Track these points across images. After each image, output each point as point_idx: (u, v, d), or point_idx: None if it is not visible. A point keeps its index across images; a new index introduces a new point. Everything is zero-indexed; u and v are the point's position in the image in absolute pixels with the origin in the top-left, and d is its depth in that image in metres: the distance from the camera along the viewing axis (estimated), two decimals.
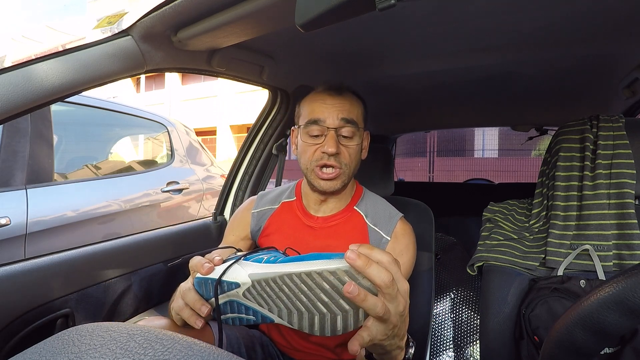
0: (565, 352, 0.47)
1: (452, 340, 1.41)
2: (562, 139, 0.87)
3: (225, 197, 1.33)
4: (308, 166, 0.77)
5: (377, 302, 0.38)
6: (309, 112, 0.77)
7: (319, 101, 0.77)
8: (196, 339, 0.30)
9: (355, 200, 0.85)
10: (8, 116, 0.53)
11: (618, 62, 0.97)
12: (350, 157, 0.77)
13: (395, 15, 0.74)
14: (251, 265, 0.47)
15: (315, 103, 0.77)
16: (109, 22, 0.89)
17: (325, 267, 0.40)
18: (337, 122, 0.75)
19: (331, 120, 0.75)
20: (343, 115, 0.75)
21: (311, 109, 0.77)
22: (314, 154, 0.76)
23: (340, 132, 0.76)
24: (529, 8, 0.70)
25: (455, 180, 3.18)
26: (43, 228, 1.52)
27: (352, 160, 0.78)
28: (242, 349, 0.74)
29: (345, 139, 0.76)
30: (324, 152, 0.74)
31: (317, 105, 0.77)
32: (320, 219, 0.83)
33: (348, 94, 0.79)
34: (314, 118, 0.76)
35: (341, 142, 0.76)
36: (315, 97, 0.79)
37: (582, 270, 0.78)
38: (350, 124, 0.76)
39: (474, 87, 1.26)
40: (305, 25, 0.46)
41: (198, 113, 13.88)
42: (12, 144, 1.53)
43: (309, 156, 0.77)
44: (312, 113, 0.77)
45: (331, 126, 0.75)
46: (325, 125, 0.75)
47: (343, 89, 0.79)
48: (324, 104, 0.76)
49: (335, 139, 0.74)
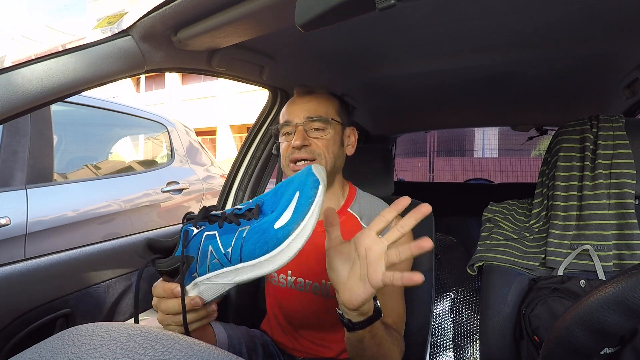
0: (565, 352, 0.47)
1: (452, 340, 1.41)
2: (562, 139, 0.87)
3: (225, 197, 1.33)
4: (284, 163, 0.82)
5: None
6: (282, 115, 0.84)
7: (290, 104, 0.84)
8: (196, 339, 0.30)
9: (348, 203, 0.86)
10: (8, 116, 0.53)
11: (618, 62, 0.97)
12: (324, 147, 0.79)
13: (395, 15, 0.74)
14: (200, 287, 0.48)
15: (288, 106, 0.84)
16: (109, 22, 0.89)
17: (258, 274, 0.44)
18: (304, 119, 0.79)
19: (297, 119, 0.80)
20: (309, 114, 0.79)
21: (284, 112, 0.84)
22: (286, 149, 0.80)
23: (309, 127, 0.79)
24: (529, 8, 0.70)
25: (455, 180, 3.18)
26: (43, 228, 1.52)
27: (328, 151, 0.79)
28: (243, 349, 0.74)
29: (315, 132, 0.80)
30: (293, 146, 0.78)
31: (288, 108, 0.83)
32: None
33: (317, 93, 0.83)
34: (284, 120, 0.82)
35: (311, 135, 0.79)
36: (289, 101, 0.85)
37: (582, 270, 0.78)
38: (317, 120, 0.79)
39: (474, 87, 1.26)
40: (305, 25, 0.46)
41: (198, 113, 13.88)
42: (12, 144, 1.53)
43: (283, 152, 0.82)
44: (283, 115, 0.84)
45: (298, 122, 0.79)
46: (293, 123, 0.80)
47: (311, 90, 0.84)
48: (293, 105, 0.82)
49: (302, 133, 0.78)
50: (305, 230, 0.43)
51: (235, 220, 0.46)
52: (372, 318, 0.53)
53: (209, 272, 0.46)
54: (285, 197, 0.45)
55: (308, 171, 0.46)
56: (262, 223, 0.44)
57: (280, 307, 0.84)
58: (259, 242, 0.43)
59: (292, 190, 0.45)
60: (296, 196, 0.44)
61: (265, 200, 0.49)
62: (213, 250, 0.45)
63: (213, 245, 0.45)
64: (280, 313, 0.84)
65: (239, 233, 0.45)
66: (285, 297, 0.83)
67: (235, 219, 0.47)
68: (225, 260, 0.44)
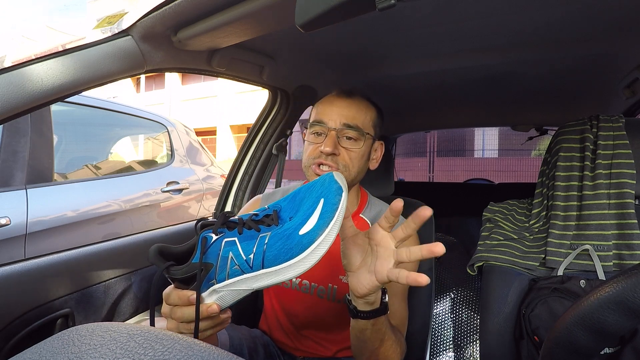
0: (565, 352, 0.47)
1: (452, 340, 1.40)
2: (562, 139, 0.87)
3: (225, 197, 1.33)
4: (306, 163, 0.79)
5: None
6: (316, 113, 0.80)
7: (327, 103, 0.79)
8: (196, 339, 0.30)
9: (361, 208, 0.85)
10: (8, 116, 0.53)
11: (618, 62, 0.97)
12: (351, 160, 0.76)
13: (395, 15, 0.74)
14: (218, 293, 0.47)
15: (323, 105, 0.80)
16: (109, 22, 0.89)
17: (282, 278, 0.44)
18: (339, 125, 0.76)
19: (333, 122, 0.76)
20: (346, 120, 0.76)
21: (318, 110, 0.80)
22: (314, 152, 0.77)
23: (343, 134, 0.76)
24: (529, 8, 0.70)
25: (455, 180, 3.18)
26: (43, 228, 1.52)
27: (353, 164, 0.77)
28: (244, 349, 0.74)
29: (347, 141, 0.77)
30: (322, 151, 0.75)
31: (324, 107, 0.79)
32: None
33: (357, 99, 0.80)
34: (318, 119, 0.78)
35: (342, 144, 0.76)
36: (325, 99, 0.81)
37: (582, 270, 0.78)
38: (353, 129, 0.76)
39: (474, 87, 1.26)
40: (305, 25, 0.46)
41: (198, 113, 13.88)
42: (12, 144, 1.53)
43: (309, 154, 0.78)
44: (317, 114, 0.79)
45: (332, 127, 0.76)
46: (327, 125, 0.76)
47: (353, 94, 0.80)
48: (331, 105, 0.78)
49: (334, 139, 0.75)
50: (330, 237, 0.43)
51: (255, 226, 0.46)
52: (377, 311, 0.53)
53: (228, 278, 0.45)
54: (307, 203, 0.45)
55: (330, 178, 0.46)
56: (285, 229, 0.44)
57: (282, 308, 0.84)
58: (283, 249, 0.43)
59: (315, 197, 0.45)
60: (321, 203, 0.44)
61: (282, 206, 0.49)
62: (234, 256, 0.45)
63: (234, 252, 0.45)
64: (282, 313, 0.84)
65: (261, 239, 0.45)
66: (289, 298, 0.83)
67: (255, 225, 0.46)
68: (247, 266, 0.44)
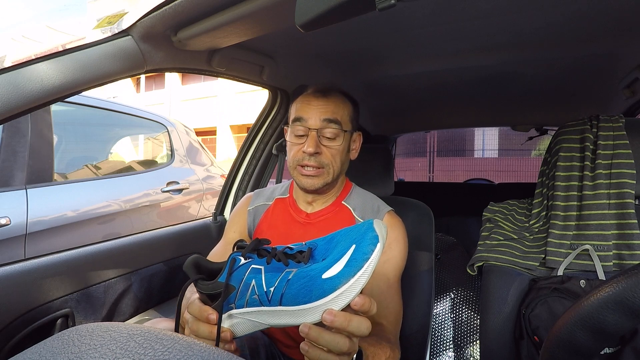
0: (565, 352, 0.47)
1: (452, 340, 1.40)
2: (562, 139, 0.87)
3: (225, 197, 1.33)
4: (291, 165, 0.81)
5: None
6: (295, 112, 0.81)
7: (305, 102, 0.81)
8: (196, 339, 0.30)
9: (343, 196, 0.87)
10: (8, 116, 0.53)
11: (618, 62, 0.97)
12: (333, 157, 0.79)
13: (395, 15, 0.74)
14: (235, 319, 0.46)
15: (302, 104, 0.81)
16: (109, 22, 0.88)
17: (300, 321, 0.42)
18: (320, 123, 0.78)
19: (313, 121, 0.78)
20: (326, 115, 0.78)
21: (297, 108, 0.81)
22: (297, 153, 0.79)
23: (323, 133, 0.78)
24: (529, 8, 0.70)
25: (455, 180, 3.18)
26: (43, 228, 1.52)
27: (335, 161, 0.79)
28: (246, 350, 0.74)
29: (327, 140, 0.79)
30: (304, 152, 0.77)
31: (303, 105, 0.80)
32: (310, 214, 0.85)
33: (335, 95, 0.81)
34: (298, 116, 0.79)
35: (323, 143, 0.78)
36: (303, 98, 0.82)
37: (582, 270, 0.78)
38: (334, 123, 0.78)
39: (474, 87, 1.26)
40: (305, 25, 0.46)
41: (198, 113, 13.87)
42: (12, 144, 1.53)
43: (293, 155, 0.80)
44: (297, 112, 0.81)
45: (313, 127, 0.77)
46: (307, 125, 0.78)
47: (330, 91, 0.81)
48: (309, 104, 0.80)
49: (316, 139, 0.77)
50: (355, 287, 0.40)
51: (284, 259, 0.45)
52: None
53: (246, 306, 0.44)
54: (340, 247, 0.43)
55: (369, 226, 0.43)
56: (311, 270, 0.43)
57: None
58: (303, 289, 0.41)
59: (348, 242, 0.43)
60: (351, 249, 0.41)
61: (318, 244, 0.47)
62: (256, 285, 0.44)
63: (257, 280, 0.44)
64: None
65: (285, 274, 0.43)
66: None
67: (284, 258, 0.45)
68: (265, 298, 0.43)
